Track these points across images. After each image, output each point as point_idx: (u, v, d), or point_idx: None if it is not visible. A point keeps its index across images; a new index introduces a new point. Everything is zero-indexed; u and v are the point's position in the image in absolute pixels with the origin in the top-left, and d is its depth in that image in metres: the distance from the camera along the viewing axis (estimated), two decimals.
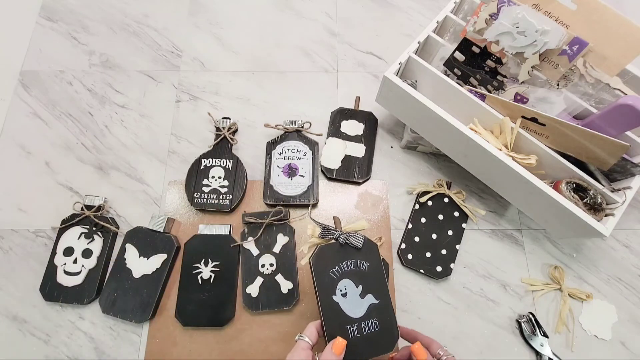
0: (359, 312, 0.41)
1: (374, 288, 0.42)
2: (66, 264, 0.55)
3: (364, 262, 0.43)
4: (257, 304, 0.53)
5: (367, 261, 0.43)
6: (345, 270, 0.42)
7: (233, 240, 0.57)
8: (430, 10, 0.76)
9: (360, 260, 0.43)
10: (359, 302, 0.42)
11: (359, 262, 0.43)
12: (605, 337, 0.54)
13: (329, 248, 0.43)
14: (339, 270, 0.42)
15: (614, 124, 0.46)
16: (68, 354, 0.53)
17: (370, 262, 0.43)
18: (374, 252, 0.43)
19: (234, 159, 0.61)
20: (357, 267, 0.43)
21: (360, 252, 0.43)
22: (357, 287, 0.42)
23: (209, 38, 0.73)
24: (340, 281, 0.42)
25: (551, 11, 0.49)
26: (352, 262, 0.43)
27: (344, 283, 0.42)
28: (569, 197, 0.47)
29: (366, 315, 0.41)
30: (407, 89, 0.51)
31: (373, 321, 0.41)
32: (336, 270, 0.42)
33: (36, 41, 0.72)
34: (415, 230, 0.58)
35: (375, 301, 0.41)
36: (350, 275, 0.42)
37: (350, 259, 0.43)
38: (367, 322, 0.41)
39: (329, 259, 0.43)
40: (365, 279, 0.42)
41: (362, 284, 0.42)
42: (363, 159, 0.62)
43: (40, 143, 0.64)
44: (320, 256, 0.43)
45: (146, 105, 0.67)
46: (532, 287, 0.56)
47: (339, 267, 0.42)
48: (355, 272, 0.42)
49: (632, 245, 0.60)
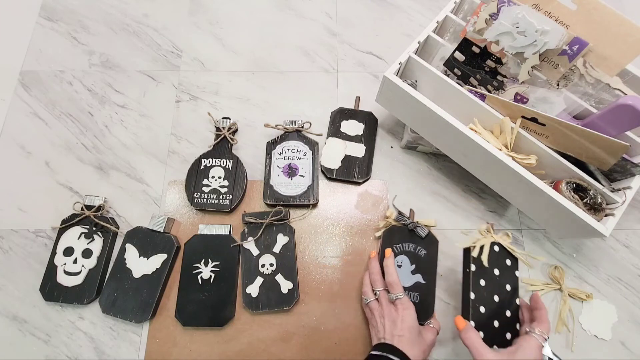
0: (407, 283, 0.53)
1: (424, 271, 0.53)
2: (66, 264, 0.55)
3: (422, 249, 0.54)
4: (257, 304, 0.53)
5: (425, 250, 0.54)
6: (406, 249, 0.54)
7: (233, 240, 0.57)
8: (430, 10, 0.76)
9: (420, 247, 0.54)
10: (409, 277, 0.53)
11: (418, 248, 0.54)
12: (605, 337, 0.54)
13: (399, 229, 0.56)
14: (401, 247, 0.54)
15: (614, 124, 0.46)
16: (68, 354, 0.53)
17: (427, 252, 0.54)
18: (433, 245, 0.54)
19: (234, 159, 0.61)
20: (416, 251, 0.54)
21: (422, 241, 0.54)
22: (411, 265, 0.54)
23: (208, 38, 0.73)
24: (400, 255, 0.54)
25: (551, 11, 0.49)
26: (413, 246, 0.54)
27: (402, 258, 0.54)
28: (569, 197, 0.47)
29: (411, 288, 0.53)
30: (407, 89, 0.51)
31: (415, 294, 0.52)
32: (399, 246, 0.54)
33: (36, 41, 0.72)
34: (479, 299, 0.46)
35: (423, 281, 0.53)
36: (409, 254, 0.54)
37: (412, 243, 0.55)
38: (410, 293, 0.52)
39: (396, 237, 0.55)
40: (420, 262, 0.54)
41: (415, 264, 0.53)
42: (363, 159, 0.62)
43: (40, 143, 0.64)
44: (391, 232, 0.56)
45: (146, 105, 0.67)
46: (532, 287, 0.56)
47: (402, 245, 0.54)
48: (413, 254, 0.54)
49: (632, 245, 0.60)
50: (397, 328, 0.45)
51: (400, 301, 0.47)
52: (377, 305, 0.49)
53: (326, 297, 0.56)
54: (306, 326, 0.54)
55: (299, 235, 0.59)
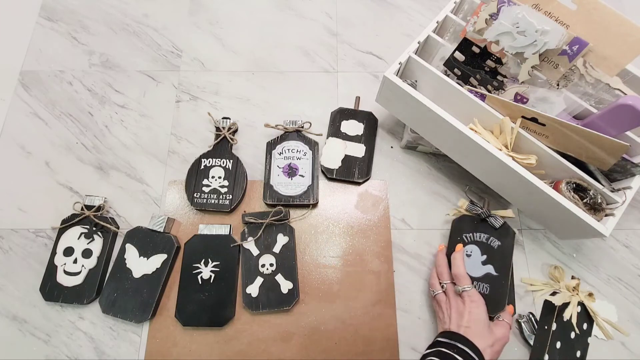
0: (477, 274, 0.50)
1: (497, 263, 0.51)
2: (66, 264, 0.55)
3: (495, 240, 0.52)
4: (257, 304, 0.53)
5: (499, 240, 0.52)
6: (477, 239, 0.52)
7: (233, 240, 0.57)
8: (430, 10, 0.76)
9: (493, 237, 0.52)
10: (479, 267, 0.51)
11: (491, 239, 0.52)
12: (605, 337, 0.54)
13: (469, 218, 0.54)
14: (472, 237, 0.53)
15: (614, 124, 0.46)
16: (68, 354, 0.53)
17: (502, 243, 0.52)
18: (509, 237, 0.52)
19: (234, 159, 0.61)
20: (488, 241, 0.52)
21: (496, 232, 0.52)
22: (482, 256, 0.51)
23: (209, 38, 0.73)
24: (469, 245, 0.52)
25: (551, 11, 0.49)
26: (485, 237, 0.52)
27: (472, 247, 0.52)
28: (569, 197, 0.47)
29: (481, 279, 0.50)
30: (407, 89, 0.51)
31: (485, 285, 0.50)
32: (469, 235, 0.53)
33: (36, 41, 0.72)
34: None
35: (495, 273, 0.50)
36: (480, 244, 0.52)
37: (484, 233, 0.52)
38: (480, 284, 0.50)
39: (466, 226, 0.53)
40: (492, 253, 0.51)
41: (487, 255, 0.51)
42: (363, 159, 0.62)
43: (40, 143, 0.64)
44: (461, 220, 0.54)
45: (146, 105, 0.67)
46: (532, 287, 0.56)
47: (472, 234, 0.53)
48: (484, 244, 0.52)
49: (632, 245, 0.60)
50: (463, 319, 0.44)
51: (468, 294, 0.46)
52: (444, 298, 0.49)
53: (326, 297, 0.56)
54: (306, 326, 0.54)
55: (299, 235, 0.59)
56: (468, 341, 0.41)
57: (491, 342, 0.43)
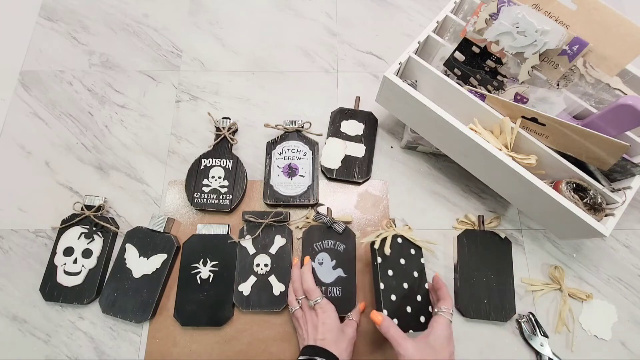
0: (329, 279, 0.54)
1: (344, 265, 0.55)
2: (66, 264, 0.55)
3: (341, 244, 0.56)
4: (248, 302, 0.54)
5: (344, 244, 0.56)
6: (326, 246, 0.56)
7: (231, 238, 0.57)
8: (430, 10, 0.76)
9: (339, 242, 0.56)
10: (330, 272, 0.54)
11: (337, 243, 0.56)
12: (605, 337, 0.54)
13: (317, 228, 0.57)
14: (321, 245, 0.56)
15: (614, 124, 0.46)
16: (68, 354, 0.53)
17: (346, 246, 0.56)
18: (351, 239, 0.57)
19: (234, 159, 0.61)
20: (335, 246, 0.56)
21: (340, 236, 0.56)
22: (332, 261, 0.55)
23: (209, 38, 0.73)
24: (320, 253, 0.55)
25: (551, 11, 0.49)
26: (332, 242, 0.56)
27: (322, 255, 0.55)
28: (569, 197, 0.47)
29: (333, 283, 0.53)
30: (407, 89, 0.51)
31: (337, 288, 0.53)
32: (319, 244, 0.56)
33: (36, 41, 0.72)
34: (389, 288, 0.49)
35: (344, 275, 0.54)
36: (329, 250, 0.56)
37: (331, 239, 0.56)
38: (333, 288, 0.53)
39: (315, 235, 0.56)
40: (340, 256, 0.55)
41: (336, 260, 0.55)
42: (363, 159, 0.62)
43: (40, 143, 0.64)
44: (310, 232, 0.57)
45: (146, 105, 0.67)
46: (532, 287, 0.56)
47: (321, 243, 0.56)
48: (333, 250, 0.56)
49: (632, 245, 0.60)
50: (318, 332, 0.46)
51: (319, 305, 0.48)
52: (300, 313, 0.50)
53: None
54: None
55: (297, 239, 0.59)
56: (325, 351, 0.44)
57: (345, 345, 0.46)
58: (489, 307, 0.54)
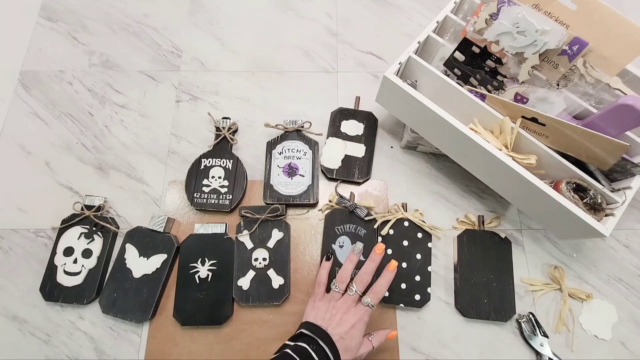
0: None
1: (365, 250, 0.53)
2: (66, 264, 0.55)
3: (362, 229, 0.58)
4: (248, 297, 0.54)
5: (365, 229, 0.58)
6: (347, 230, 0.58)
7: (229, 238, 0.57)
8: (430, 10, 0.76)
9: (360, 227, 0.58)
10: None
11: (358, 228, 0.58)
12: (605, 337, 0.54)
13: (340, 211, 0.59)
14: (342, 229, 0.58)
15: (614, 124, 0.46)
16: (68, 354, 0.53)
17: (367, 231, 0.57)
18: (371, 224, 0.58)
19: (234, 158, 0.61)
20: (356, 231, 0.57)
21: (362, 221, 0.58)
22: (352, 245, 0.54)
23: (209, 38, 0.73)
24: (341, 236, 0.57)
25: (551, 11, 0.49)
26: (354, 227, 0.58)
27: (343, 238, 0.57)
28: (569, 197, 0.47)
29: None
30: (407, 89, 0.51)
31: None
32: (341, 228, 0.58)
33: (36, 41, 0.72)
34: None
35: (363, 259, 0.54)
36: (350, 234, 0.57)
37: (353, 223, 0.58)
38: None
39: (337, 219, 0.58)
40: (360, 241, 0.56)
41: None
42: (363, 159, 0.62)
43: (40, 143, 0.64)
44: (332, 214, 0.59)
45: (146, 105, 0.67)
46: (532, 287, 0.56)
47: (343, 226, 0.58)
48: (354, 234, 0.57)
49: (632, 245, 0.60)
50: (342, 329, 0.45)
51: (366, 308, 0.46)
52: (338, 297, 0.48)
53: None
54: None
55: (299, 235, 0.59)
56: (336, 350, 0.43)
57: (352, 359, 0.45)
58: (489, 307, 0.54)
